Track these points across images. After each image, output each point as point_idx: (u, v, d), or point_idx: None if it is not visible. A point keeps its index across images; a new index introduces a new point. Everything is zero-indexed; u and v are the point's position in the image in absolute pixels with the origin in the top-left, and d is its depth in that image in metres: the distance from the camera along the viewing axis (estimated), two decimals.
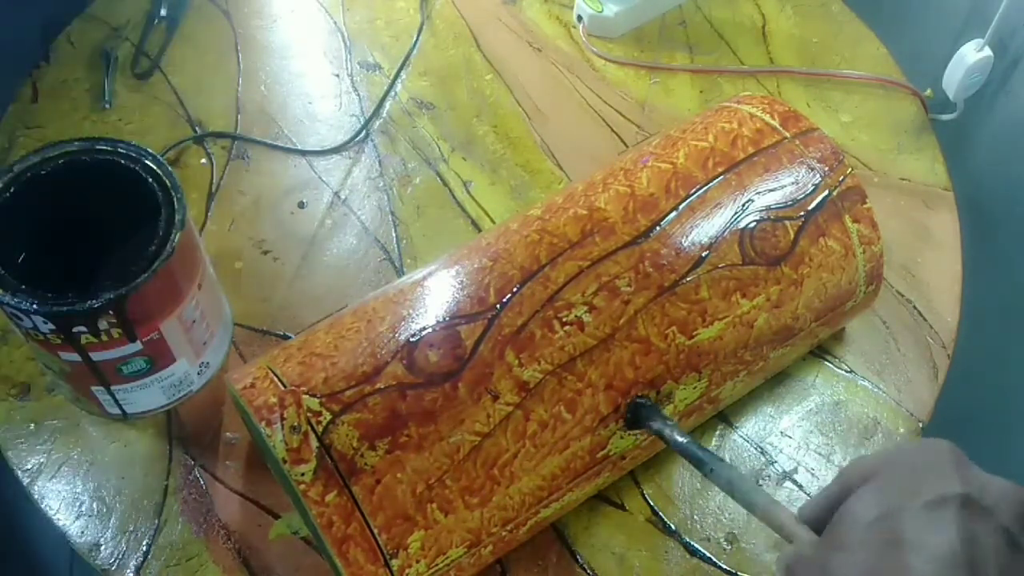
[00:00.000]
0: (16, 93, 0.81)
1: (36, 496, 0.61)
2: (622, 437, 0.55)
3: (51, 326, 0.53)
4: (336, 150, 0.80)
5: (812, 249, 0.58)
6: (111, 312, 0.53)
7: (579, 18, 0.89)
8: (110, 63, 0.83)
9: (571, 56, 0.87)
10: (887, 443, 0.65)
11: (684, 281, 0.56)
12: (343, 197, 0.77)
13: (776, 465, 0.63)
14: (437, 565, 0.50)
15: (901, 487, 0.38)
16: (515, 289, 0.54)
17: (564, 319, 0.53)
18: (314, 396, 0.50)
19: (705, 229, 0.57)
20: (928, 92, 0.85)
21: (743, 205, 0.58)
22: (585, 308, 0.54)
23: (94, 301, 0.52)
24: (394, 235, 0.75)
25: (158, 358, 0.58)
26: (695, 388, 0.56)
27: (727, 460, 0.54)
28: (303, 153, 0.79)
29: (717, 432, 0.65)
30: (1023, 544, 0.36)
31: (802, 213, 0.59)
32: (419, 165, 0.79)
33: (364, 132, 0.81)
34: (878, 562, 0.36)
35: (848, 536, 0.38)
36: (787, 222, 0.58)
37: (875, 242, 0.61)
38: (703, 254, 0.56)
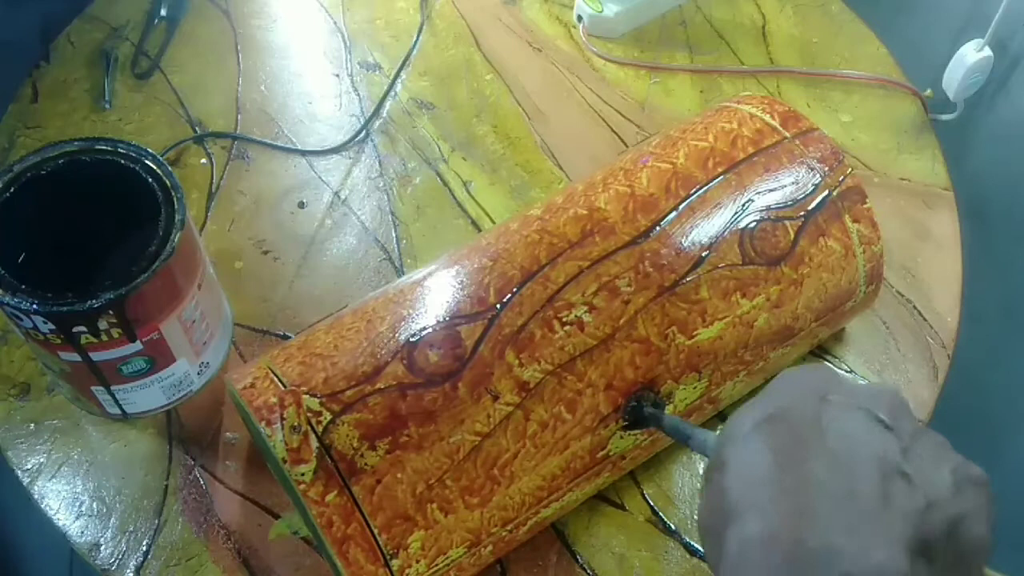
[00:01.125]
0: (16, 93, 0.81)
1: (36, 496, 0.61)
2: (622, 437, 0.55)
3: (51, 326, 0.53)
4: (336, 150, 0.80)
5: (812, 249, 0.58)
6: (111, 312, 0.53)
7: (579, 18, 0.89)
8: (110, 63, 0.83)
9: (571, 56, 0.87)
10: None
11: (684, 281, 0.55)
12: (343, 197, 0.77)
13: None
14: (437, 565, 0.50)
15: (776, 399, 0.40)
16: (515, 289, 0.54)
17: (564, 319, 0.53)
18: (314, 396, 0.50)
19: (705, 229, 0.57)
20: (928, 92, 0.85)
21: (743, 205, 0.58)
22: (585, 308, 0.54)
23: (94, 301, 0.52)
24: (394, 235, 0.75)
25: (158, 358, 0.58)
26: (695, 388, 0.56)
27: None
28: (303, 153, 0.79)
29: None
30: (899, 432, 0.38)
31: (802, 213, 0.59)
32: (419, 165, 0.79)
33: (364, 132, 0.81)
34: (757, 467, 0.37)
35: (728, 453, 0.39)
36: (787, 222, 0.58)
37: (875, 242, 0.61)
38: (703, 254, 0.56)
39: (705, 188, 0.58)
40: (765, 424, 0.38)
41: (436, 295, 0.55)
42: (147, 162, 0.57)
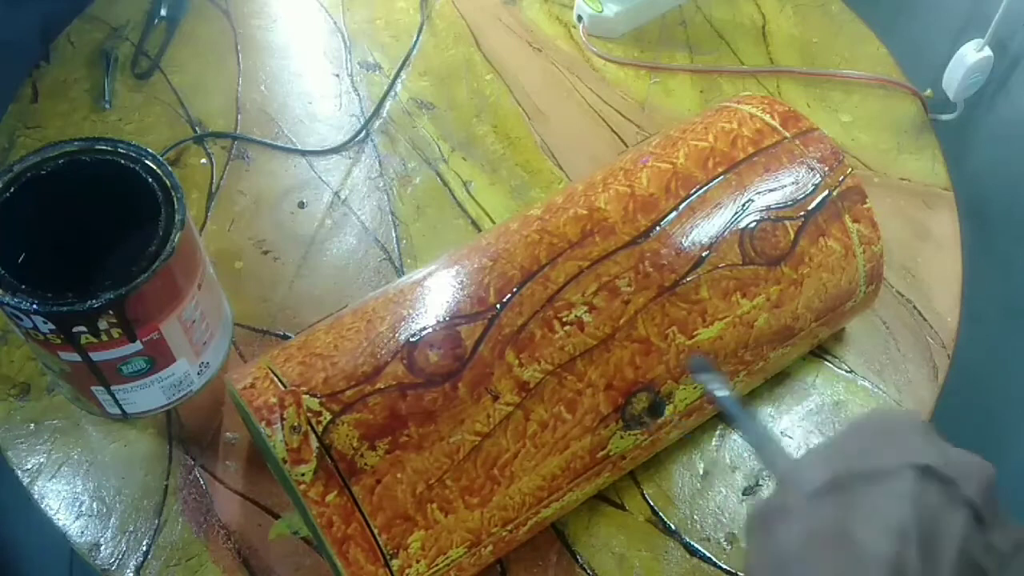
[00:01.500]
0: (16, 93, 0.81)
1: (36, 496, 0.61)
2: (622, 437, 0.55)
3: (51, 326, 0.53)
4: (336, 150, 0.80)
5: (812, 249, 0.58)
6: (111, 312, 0.53)
7: (579, 18, 0.89)
8: (110, 63, 0.83)
9: (571, 56, 0.87)
10: None
11: (684, 281, 0.55)
12: (343, 197, 0.77)
13: None
14: (437, 565, 0.50)
15: (855, 452, 0.35)
16: (515, 289, 0.54)
17: (564, 319, 0.53)
18: (314, 396, 0.50)
19: (705, 229, 0.57)
20: (928, 92, 0.85)
21: (743, 205, 0.58)
22: (585, 308, 0.54)
23: (94, 301, 0.52)
24: (394, 235, 0.75)
25: (158, 358, 0.58)
26: (695, 388, 0.56)
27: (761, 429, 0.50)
28: (303, 153, 0.79)
29: (717, 432, 0.65)
30: (987, 519, 0.33)
31: (802, 213, 0.59)
32: (419, 165, 0.79)
33: (364, 132, 0.81)
34: (821, 534, 0.33)
35: (793, 503, 0.35)
36: (787, 222, 0.58)
37: (875, 242, 0.61)
38: (703, 254, 0.56)
39: (705, 188, 0.58)
40: (839, 486, 0.34)
41: (436, 295, 0.55)
42: (147, 162, 0.57)
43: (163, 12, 0.87)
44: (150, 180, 0.57)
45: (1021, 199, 0.87)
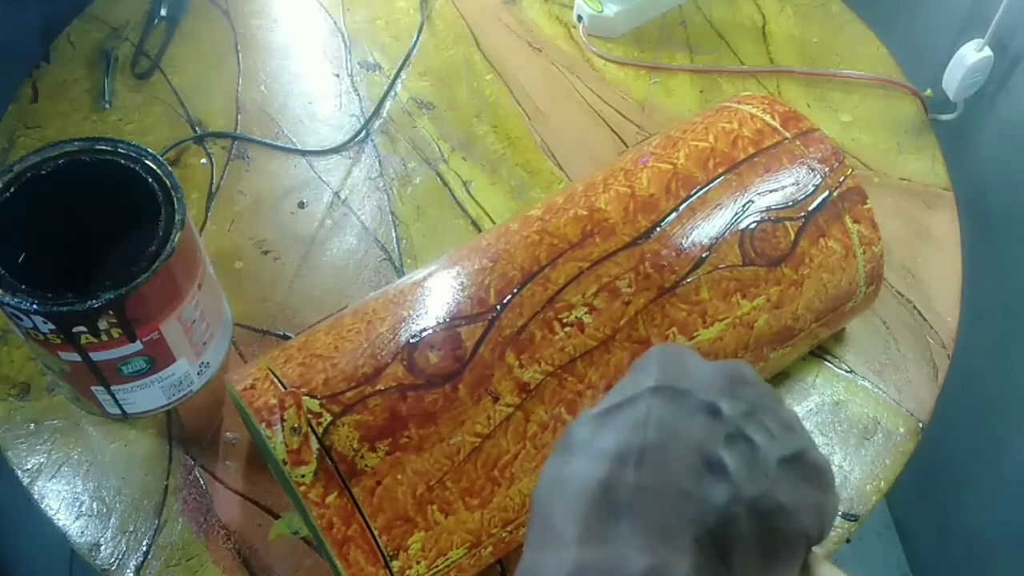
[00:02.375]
0: (16, 93, 0.81)
1: (36, 496, 0.61)
2: None
3: (51, 326, 0.53)
4: (336, 150, 0.80)
5: (812, 250, 0.58)
6: (111, 312, 0.53)
7: (579, 18, 0.89)
8: (110, 63, 0.83)
9: (571, 56, 0.87)
10: (887, 443, 0.65)
11: (684, 282, 0.55)
12: (343, 197, 0.77)
13: None
14: (437, 566, 0.50)
15: (618, 391, 0.37)
16: (515, 290, 0.54)
17: (564, 320, 0.53)
18: (314, 397, 0.50)
19: (705, 230, 0.57)
20: (928, 92, 0.85)
21: (743, 206, 0.58)
22: (585, 309, 0.54)
23: (94, 301, 0.52)
24: (394, 235, 0.75)
25: (158, 358, 0.58)
26: None
27: None
28: (303, 153, 0.79)
29: None
30: (724, 411, 0.35)
31: (803, 214, 0.59)
32: (419, 165, 0.79)
33: (364, 132, 0.81)
34: (552, 475, 0.35)
35: (564, 440, 0.36)
36: (787, 223, 0.58)
37: (875, 242, 0.61)
38: (703, 255, 0.56)
39: (706, 189, 0.58)
40: (596, 419, 0.36)
41: (436, 296, 0.55)
42: (147, 162, 0.57)
43: (163, 12, 0.87)
44: (150, 180, 0.57)
45: (1021, 199, 0.87)
